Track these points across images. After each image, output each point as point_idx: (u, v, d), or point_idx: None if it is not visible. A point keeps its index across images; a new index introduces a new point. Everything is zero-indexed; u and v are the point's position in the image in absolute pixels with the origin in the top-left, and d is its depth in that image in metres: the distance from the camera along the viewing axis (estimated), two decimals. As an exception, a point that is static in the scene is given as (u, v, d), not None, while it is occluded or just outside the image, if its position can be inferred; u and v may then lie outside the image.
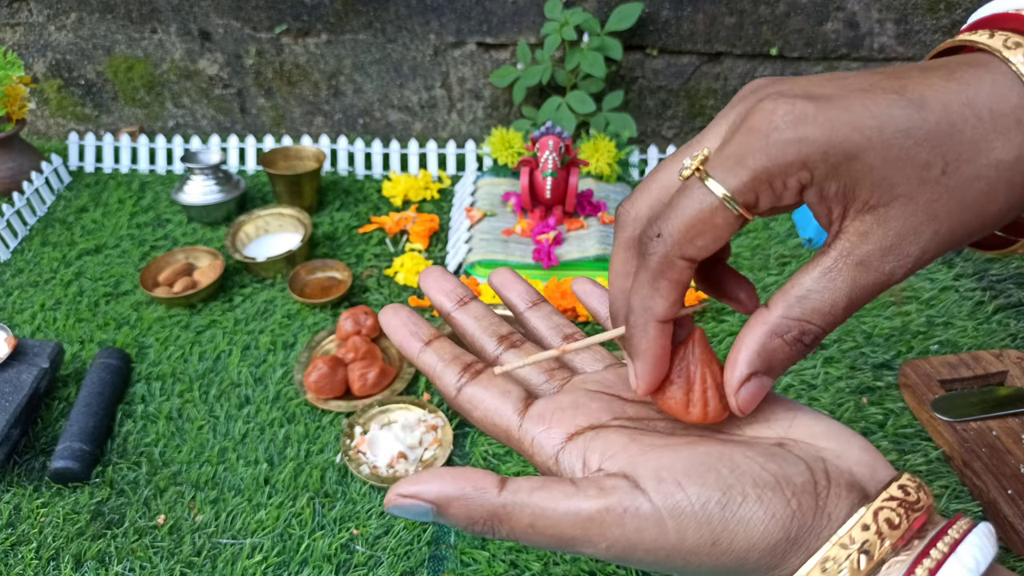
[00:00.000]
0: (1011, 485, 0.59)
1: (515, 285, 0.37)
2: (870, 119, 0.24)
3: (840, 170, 0.24)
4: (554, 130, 0.87)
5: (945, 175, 0.24)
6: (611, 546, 0.24)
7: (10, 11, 1.12)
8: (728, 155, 0.25)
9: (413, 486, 0.25)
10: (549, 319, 0.36)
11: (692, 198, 0.25)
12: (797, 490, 0.24)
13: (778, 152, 0.24)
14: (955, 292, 0.83)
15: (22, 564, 0.59)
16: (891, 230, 0.25)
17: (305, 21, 1.10)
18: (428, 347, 0.32)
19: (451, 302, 0.35)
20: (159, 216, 1.02)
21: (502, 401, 0.30)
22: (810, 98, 0.24)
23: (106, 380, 0.72)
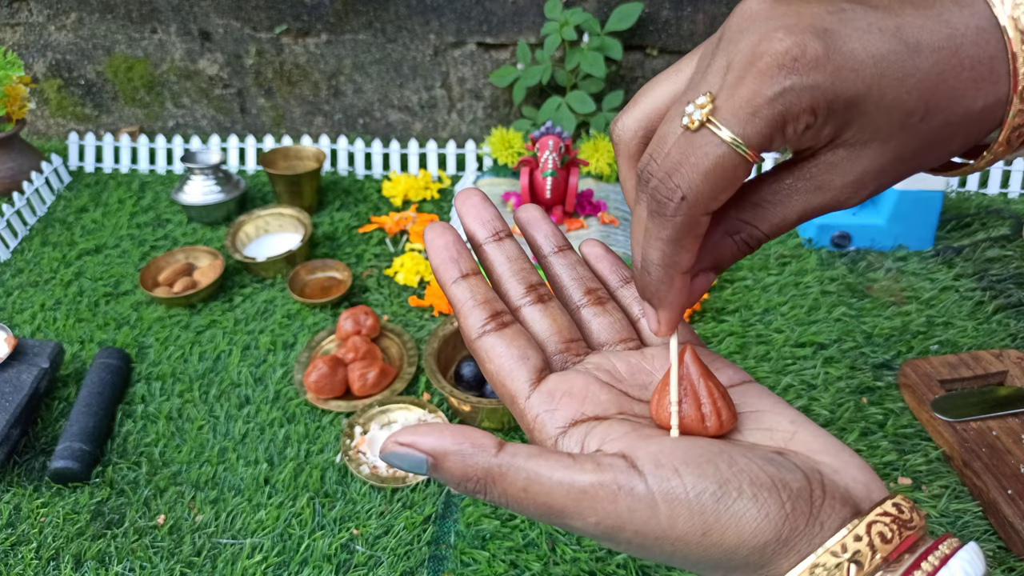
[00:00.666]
0: (1011, 485, 0.59)
1: (543, 225, 0.35)
2: (871, 65, 0.24)
3: (838, 114, 0.25)
4: (554, 130, 0.87)
5: (923, 121, 0.25)
6: (600, 522, 0.24)
7: (10, 11, 1.12)
8: (740, 103, 0.24)
9: (411, 436, 0.25)
10: (573, 269, 0.34)
11: (708, 153, 0.25)
12: (792, 494, 0.24)
13: (793, 99, 0.24)
14: (955, 292, 0.83)
15: (22, 564, 0.59)
16: (858, 166, 0.26)
17: (305, 21, 1.10)
18: (464, 280, 0.31)
19: (487, 232, 0.33)
20: (159, 216, 1.02)
21: (518, 364, 0.29)
22: (816, 34, 0.24)
23: (106, 380, 0.72)
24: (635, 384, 0.31)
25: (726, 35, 0.26)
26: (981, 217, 0.95)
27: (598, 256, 0.36)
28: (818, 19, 0.24)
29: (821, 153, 0.26)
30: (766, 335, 0.78)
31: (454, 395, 0.68)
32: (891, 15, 0.25)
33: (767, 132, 0.24)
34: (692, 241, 0.27)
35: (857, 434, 0.67)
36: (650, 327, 0.30)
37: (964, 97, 0.25)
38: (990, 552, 0.58)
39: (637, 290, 0.30)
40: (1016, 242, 0.90)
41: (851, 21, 0.25)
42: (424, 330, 0.81)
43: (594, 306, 0.33)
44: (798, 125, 0.25)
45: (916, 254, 0.89)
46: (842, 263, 0.88)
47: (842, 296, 0.83)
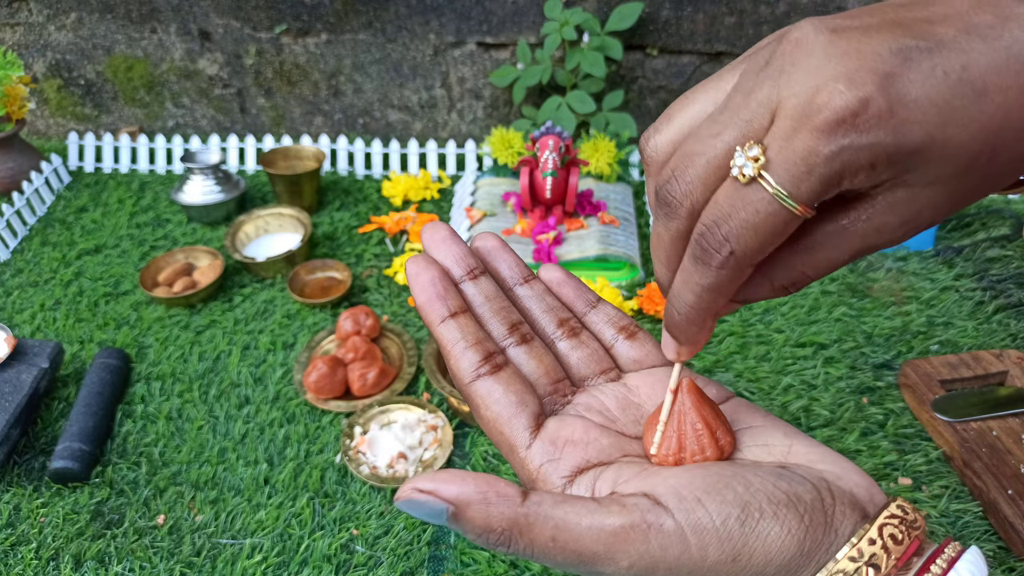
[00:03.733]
0: (1011, 485, 0.59)
1: (505, 255, 0.33)
2: (935, 115, 0.23)
3: (901, 164, 0.24)
4: (554, 130, 0.87)
5: (988, 164, 0.24)
6: (633, 564, 0.24)
7: (10, 11, 1.12)
8: (795, 160, 0.23)
9: (431, 483, 0.24)
10: (542, 300, 0.33)
11: (760, 211, 0.24)
12: (807, 507, 0.25)
13: (852, 156, 0.23)
14: (955, 292, 0.83)
15: (22, 564, 0.59)
16: (917, 206, 0.24)
17: (305, 21, 1.10)
18: (452, 319, 0.29)
19: (461, 270, 0.31)
20: (159, 216, 1.02)
21: (517, 412, 0.28)
22: (879, 84, 0.22)
23: (106, 380, 0.72)
24: (628, 421, 0.31)
25: (775, 62, 0.24)
26: (981, 217, 0.95)
27: (561, 281, 0.34)
28: (880, 61, 0.23)
29: (879, 194, 0.25)
30: (766, 335, 0.78)
31: (454, 395, 0.68)
32: (957, 52, 0.23)
33: (821, 190, 0.23)
34: (731, 289, 0.26)
35: (857, 434, 0.67)
36: (667, 355, 0.29)
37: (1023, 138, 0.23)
38: (990, 552, 0.58)
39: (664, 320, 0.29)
40: (1016, 242, 0.90)
41: (915, 63, 0.23)
42: (424, 330, 0.81)
43: (569, 339, 0.33)
44: (855, 180, 0.24)
45: (916, 254, 0.89)
46: (842, 263, 0.88)
47: (842, 296, 0.83)
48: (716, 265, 0.25)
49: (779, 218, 0.24)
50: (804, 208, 0.24)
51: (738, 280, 0.26)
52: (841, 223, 0.25)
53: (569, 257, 0.87)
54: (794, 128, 0.23)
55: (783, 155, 0.23)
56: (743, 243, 0.24)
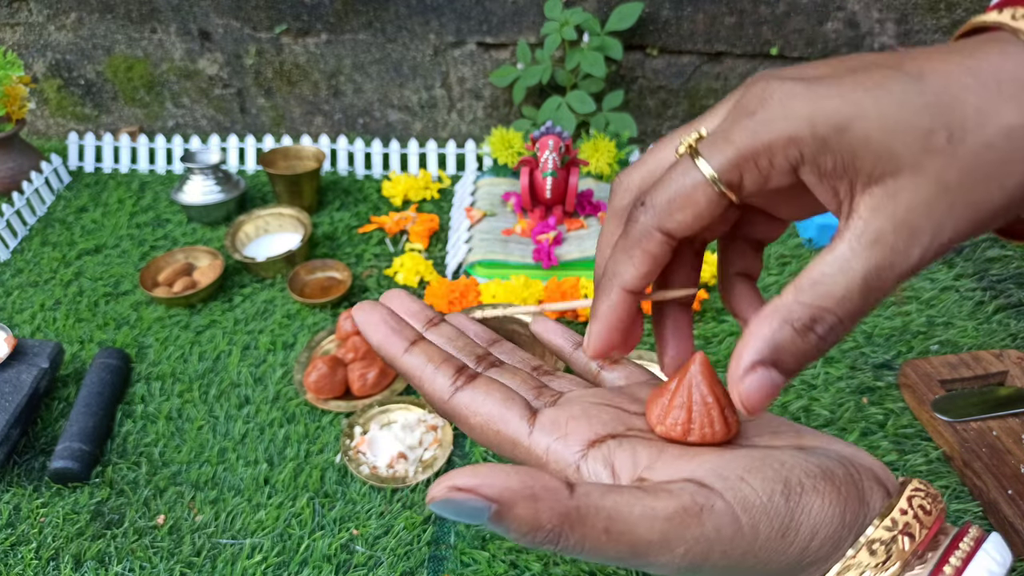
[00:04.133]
0: (1011, 485, 0.59)
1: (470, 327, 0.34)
2: (862, 92, 0.23)
3: (831, 143, 0.23)
4: (554, 130, 0.87)
5: (951, 143, 0.23)
6: (688, 550, 0.23)
7: (10, 11, 1.12)
8: (717, 134, 0.25)
9: (471, 479, 0.21)
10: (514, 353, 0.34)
11: (679, 173, 0.26)
12: (841, 480, 0.25)
13: (762, 128, 0.24)
14: (955, 292, 0.83)
15: (22, 564, 0.59)
16: (902, 203, 0.23)
17: (305, 21, 1.10)
18: (414, 347, 0.29)
19: (420, 323, 0.32)
20: (159, 216, 1.02)
21: (506, 407, 0.28)
22: (801, 79, 0.24)
23: (106, 380, 0.72)
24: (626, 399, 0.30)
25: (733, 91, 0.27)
26: (981, 217, 0.95)
27: (549, 330, 0.36)
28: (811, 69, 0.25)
29: (859, 201, 0.24)
30: (766, 335, 0.78)
31: (454, 395, 0.68)
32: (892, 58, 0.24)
33: (736, 161, 0.25)
34: (640, 255, 0.27)
35: (857, 434, 0.67)
36: (583, 345, 0.29)
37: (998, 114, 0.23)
38: (990, 552, 0.58)
39: None
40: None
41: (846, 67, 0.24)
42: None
43: (547, 375, 0.33)
44: (773, 156, 0.24)
45: (916, 254, 0.89)
46: (842, 263, 0.88)
47: (842, 296, 0.83)
48: (631, 220, 0.27)
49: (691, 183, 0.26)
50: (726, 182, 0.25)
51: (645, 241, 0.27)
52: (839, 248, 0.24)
53: (569, 257, 0.87)
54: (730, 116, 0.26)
55: (711, 135, 0.26)
56: (655, 198, 0.26)
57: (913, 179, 0.23)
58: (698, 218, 0.26)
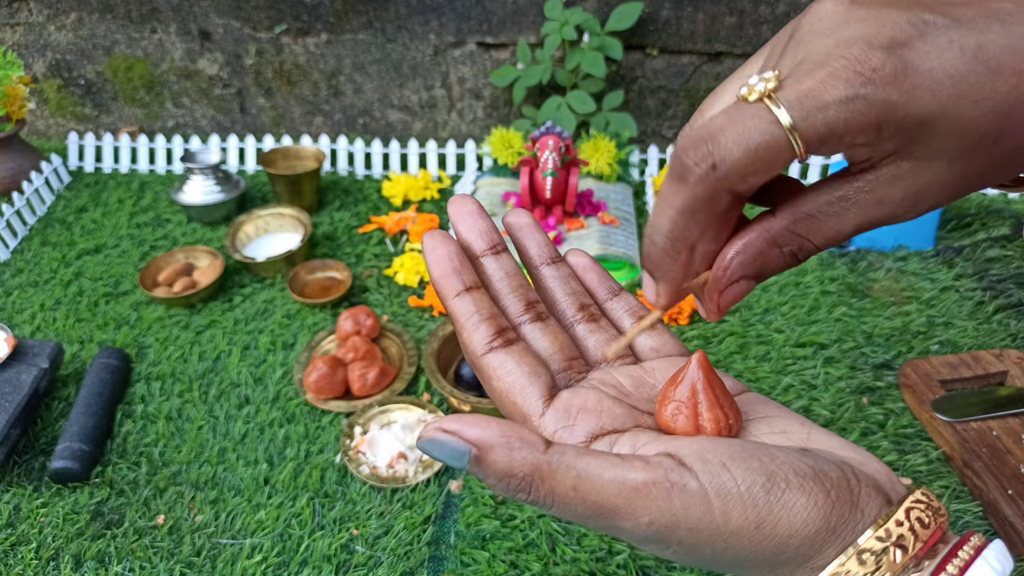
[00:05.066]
0: (1011, 485, 0.59)
1: (535, 234, 0.33)
2: (949, 86, 0.23)
3: (905, 133, 0.24)
4: (554, 130, 0.87)
5: (995, 145, 0.24)
6: (653, 521, 0.24)
7: (10, 11, 1.12)
8: (808, 93, 0.23)
9: (456, 424, 0.24)
10: (567, 283, 0.33)
11: (757, 126, 0.23)
12: (833, 483, 0.25)
13: (862, 109, 0.23)
14: (955, 292, 0.83)
15: (22, 564, 0.59)
16: (921, 180, 0.25)
17: (305, 21, 1.10)
18: (467, 293, 0.29)
19: (484, 244, 0.31)
20: (159, 216, 1.02)
21: (530, 382, 0.28)
22: (894, 49, 0.23)
23: (106, 380, 0.72)
24: (642, 398, 0.30)
25: (797, 34, 0.24)
26: (981, 217, 0.95)
27: (585, 267, 0.34)
28: (899, 30, 0.23)
29: (884, 165, 0.25)
30: (766, 335, 0.78)
31: (454, 395, 0.68)
32: (975, 31, 0.23)
33: (825, 132, 0.23)
34: (707, 217, 0.26)
35: (857, 434, 0.67)
36: (648, 297, 0.30)
37: None
38: (990, 552, 0.58)
39: (641, 259, 0.29)
40: (1016, 242, 0.90)
41: (932, 36, 0.23)
42: (424, 330, 0.81)
43: (588, 323, 0.33)
44: (858, 137, 0.23)
45: (916, 254, 0.89)
46: (842, 263, 0.88)
47: (842, 296, 0.83)
48: (693, 180, 0.24)
49: (775, 144, 0.23)
50: (803, 148, 0.23)
51: (713, 204, 0.25)
52: (844, 192, 0.26)
53: (569, 257, 0.87)
54: (813, 68, 0.23)
55: (798, 85, 0.23)
56: (729, 159, 0.23)
57: (944, 166, 0.24)
58: (771, 176, 0.24)
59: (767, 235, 0.27)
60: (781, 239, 0.26)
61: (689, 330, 0.80)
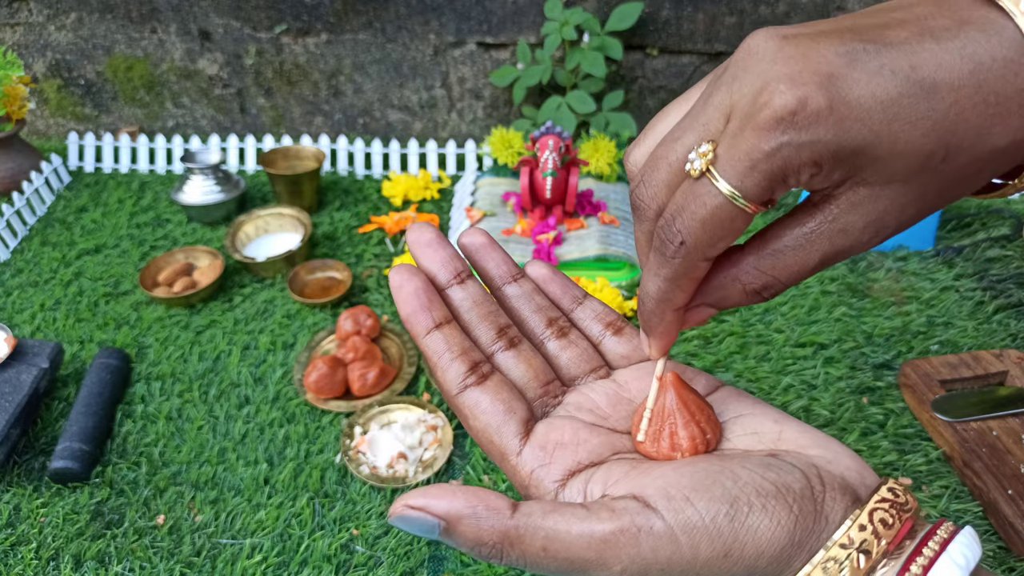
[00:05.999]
0: (1011, 485, 0.59)
1: (493, 252, 0.33)
2: (880, 111, 0.23)
3: (847, 162, 0.24)
4: (554, 130, 0.87)
5: (944, 162, 0.24)
6: (626, 568, 0.24)
7: (10, 11, 1.12)
8: (739, 155, 0.24)
9: (422, 499, 0.25)
10: (531, 299, 0.33)
11: (707, 204, 0.25)
12: (796, 496, 0.25)
13: (791, 153, 0.24)
14: (955, 292, 0.83)
15: (22, 564, 0.59)
16: (880, 205, 0.25)
17: (305, 21, 1.10)
18: (438, 330, 0.29)
19: (447, 274, 0.31)
20: (159, 216, 1.02)
21: (506, 419, 0.28)
22: (820, 84, 0.23)
23: (106, 380, 0.72)
24: (619, 418, 0.31)
25: (729, 70, 0.25)
26: (981, 217, 0.95)
27: (547, 278, 0.34)
28: (825, 63, 0.23)
29: (842, 194, 0.25)
30: (766, 335, 0.78)
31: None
32: (907, 54, 0.23)
33: (765, 185, 0.24)
34: (688, 283, 0.27)
35: (857, 434, 0.67)
36: (643, 349, 0.30)
37: (990, 134, 0.24)
38: (990, 552, 0.58)
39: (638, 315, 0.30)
40: (1016, 242, 0.90)
41: (861, 63, 0.23)
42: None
43: (559, 339, 0.33)
44: (800, 176, 0.24)
45: (916, 254, 0.89)
46: (842, 263, 0.88)
47: (842, 296, 0.83)
48: (670, 255, 0.26)
49: (725, 212, 0.25)
50: (753, 206, 0.24)
51: (691, 272, 0.26)
52: (808, 226, 0.26)
53: (569, 257, 0.87)
54: (740, 127, 0.24)
55: (729, 152, 0.24)
56: (693, 235, 0.25)
57: (900, 189, 0.25)
58: (736, 236, 0.26)
59: (732, 270, 0.27)
60: (745, 277, 0.27)
61: (689, 330, 0.80)
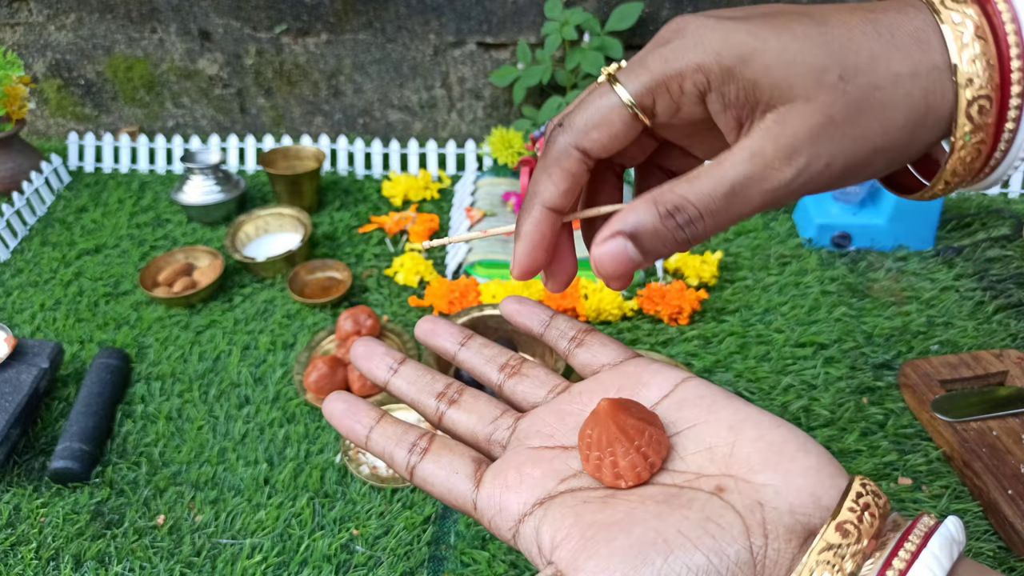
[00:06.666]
0: (1011, 485, 0.59)
1: (442, 330, 0.36)
2: (768, 30, 0.26)
3: (735, 72, 0.26)
4: (554, 130, 0.87)
5: (843, 80, 0.25)
6: None
7: (10, 11, 1.12)
8: (633, 62, 0.27)
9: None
10: (480, 353, 0.35)
11: (596, 96, 0.28)
12: (731, 564, 0.24)
13: (674, 55, 0.26)
14: (955, 292, 0.83)
15: (22, 564, 0.59)
16: (788, 128, 0.26)
17: (305, 21, 1.10)
18: (373, 432, 0.32)
19: (384, 371, 0.35)
20: (159, 216, 1.02)
21: (454, 480, 0.30)
22: (715, 17, 0.27)
23: (106, 380, 0.72)
24: (568, 431, 0.31)
25: None
26: (981, 217, 0.95)
27: (517, 312, 0.36)
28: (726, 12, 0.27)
29: (753, 125, 0.27)
30: (766, 335, 0.78)
31: (454, 395, 0.68)
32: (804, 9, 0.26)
33: (650, 85, 0.27)
34: (559, 173, 0.28)
35: (857, 434, 0.67)
36: (512, 265, 0.31)
37: (888, 60, 0.25)
38: (990, 552, 0.58)
39: None
40: (1016, 242, 0.90)
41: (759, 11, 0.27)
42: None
43: (511, 377, 0.34)
44: (684, 82, 0.26)
45: (916, 254, 0.89)
46: (842, 263, 0.88)
47: (842, 296, 0.83)
48: (549, 140, 0.28)
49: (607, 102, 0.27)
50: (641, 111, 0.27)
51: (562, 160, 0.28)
52: (723, 154, 0.27)
53: (569, 257, 0.87)
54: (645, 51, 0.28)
55: (629, 63, 0.28)
56: (572, 119, 0.28)
57: (803, 108, 0.26)
58: (613, 138, 0.27)
59: (649, 194, 0.28)
60: (659, 197, 0.27)
61: (689, 330, 0.80)
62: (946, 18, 0.25)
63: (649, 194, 0.27)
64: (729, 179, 0.26)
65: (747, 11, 0.27)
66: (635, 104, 0.27)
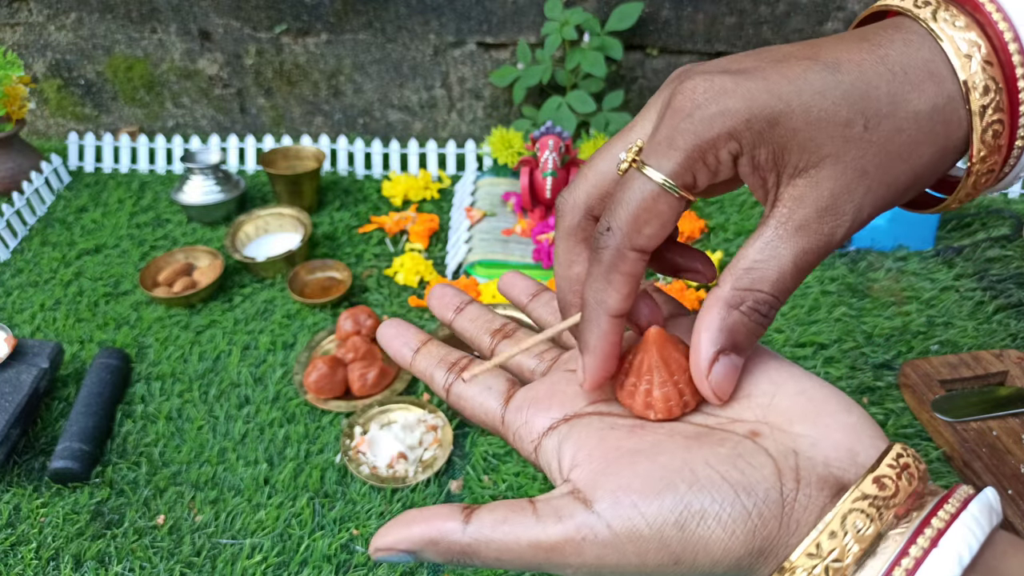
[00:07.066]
0: (1011, 485, 0.59)
1: (518, 282, 0.37)
2: (786, 84, 0.25)
3: (765, 136, 0.25)
4: (554, 130, 0.87)
5: (868, 131, 0.25)
6: (578, 569, 0.25)
7: (10, 11, 1.12)
8: (659, 141, 0.26)
9: (385, 538, 0.27)
10: (549, 305, 0.36)
11: (633, 189, 0.26)
12: (759, 501, 0.23)
13: (704, 128, 0.25)
14: (955, 292, 0.83)
15: (22, 564, 0.59)
16: (824, 190, 0.26)
17: (305, 21, 1.10)
18: (418, 353, 0.34)
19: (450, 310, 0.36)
20: (159, 216, 1.02)
21: (485, 396, 0.31)
22: (727, 73, 0.26)
23: (106, 380, 0.72)
24: None
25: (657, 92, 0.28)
26: (981, 217, 0.95)
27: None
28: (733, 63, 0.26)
29: (784, 191, 0.26)
30: (766, 335, 0.78)
31: (454, 395, 0.68)
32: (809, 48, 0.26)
33: (686, 164, 0.25)
34: (620, 279, 0.27)
35: (857, 434, 0.67)
36: (578, 377, 0.29)
37: (907, 101, 0.25)
38: (990, 552, 0.58)
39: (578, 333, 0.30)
40: (1016, 242, 0.90)
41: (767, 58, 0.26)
42: (424, 330, 0.81)
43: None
44: (719, 152, 0.25)
45: (916, 254, 0.89)
46: (842, 263, 0.88)
47: (842, 296, 0.83)
48: (600, 247, 0.27)
49: (649, 192, 0.26)
50: (683, 190, 0.26)
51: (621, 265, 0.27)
52: (766, 235, 0.26)
53: (569, 257, 0.87)
54: (660, 119, 0.27)
55: (652, 141, 0.26)
56: (618, 220, 0.26)
57: (834, 167, 0.25)
58: (665, 226, 0.26)
59: (719, 302, 0.27)
60: (733, 300, 0.27)
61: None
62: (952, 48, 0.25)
63: (718, 302, 0.27)
64: (790, 259, 0.26)
65: (752, 59, 0.26)
66: (676, 186, 0.26)
